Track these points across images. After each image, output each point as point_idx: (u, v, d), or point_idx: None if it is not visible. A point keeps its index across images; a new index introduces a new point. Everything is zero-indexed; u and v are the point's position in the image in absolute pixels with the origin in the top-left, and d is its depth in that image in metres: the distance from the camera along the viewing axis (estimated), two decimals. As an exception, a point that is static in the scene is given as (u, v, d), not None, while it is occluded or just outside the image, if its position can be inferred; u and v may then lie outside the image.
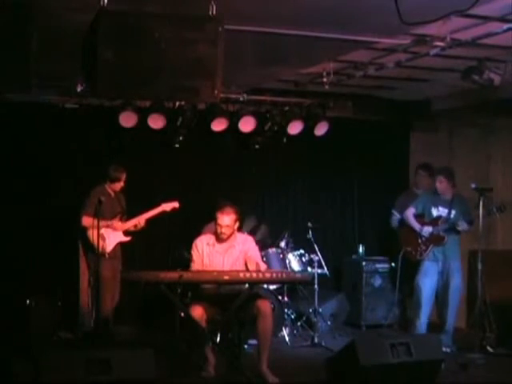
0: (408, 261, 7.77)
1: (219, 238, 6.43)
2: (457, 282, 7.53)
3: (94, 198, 7.12)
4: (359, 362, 5.19)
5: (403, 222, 8.00)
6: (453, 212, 7.51)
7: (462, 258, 7.68)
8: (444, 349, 6.62)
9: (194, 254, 6.48)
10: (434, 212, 7.61)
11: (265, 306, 6.24)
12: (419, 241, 7.61)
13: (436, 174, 7.65)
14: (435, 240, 7.52)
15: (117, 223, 7.53)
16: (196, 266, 6.43)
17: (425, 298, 7.51)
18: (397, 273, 7.92)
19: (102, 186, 7.52)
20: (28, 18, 3.94)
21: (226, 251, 6.44)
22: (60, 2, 4.60)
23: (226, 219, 6.33)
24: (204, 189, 8.67)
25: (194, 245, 6.52)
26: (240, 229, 6.88)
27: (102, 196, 7.10)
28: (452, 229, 7.46)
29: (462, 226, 7.38)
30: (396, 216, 8.44)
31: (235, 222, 6.39)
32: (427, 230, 7.56)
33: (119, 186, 7.58)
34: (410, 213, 7.77)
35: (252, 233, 7.90)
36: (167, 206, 7.65)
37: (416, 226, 7.67)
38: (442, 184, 7.51)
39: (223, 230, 6.34)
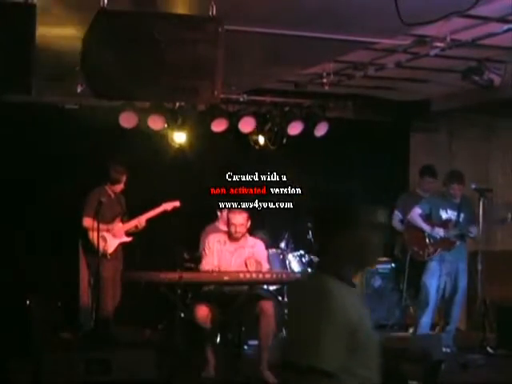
0: (412, 262, 7.72)
1: (233, 238, 6.45)
2: (464, 284, 7.50)
3: (94, 200, 7.12)
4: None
5: (407, 223, 7.86)
6: (461, 215, 7.42)
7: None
8: (444, 349, 6.62)
9: (207, 249, 6.50)
10: (443, 214, 7.47)
11: (267, 306, 6.25)
12: (427, 241, 7.48)
13: (453, 182, 7.39)
14: (445, 244, 7.41)
15: (117, 227, 7.51)
16: (207, 262, 6.44)
17: (432, 298, 7.44)
18: (397, 273, 7.89)
19: (101, 187, 7.50)
20: (28, 18, 3.93)
21: (235, 251, 6.46)
22: (60, 2, 4.60)
23: (239, 218, 6.40)
24: (204, 189, 8.66)
25: (206, 241, 6.55)
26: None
27: (102, 197, 7.10)
28: (463, 235, 7.40)
29: (474, 232, 7.34)
30: (398, 216, 8.31)
31: (247, 219, 6.45)
32: (438, 231, 7.42)
33: (119, 187, 7.56)
34: (416, 214, 7.58)
35: None
36: (168, 206, 7.65)
37: (426, 226, 7.49)
38: (460, 191, 7.38)
39: (238, 229, 6.39)
